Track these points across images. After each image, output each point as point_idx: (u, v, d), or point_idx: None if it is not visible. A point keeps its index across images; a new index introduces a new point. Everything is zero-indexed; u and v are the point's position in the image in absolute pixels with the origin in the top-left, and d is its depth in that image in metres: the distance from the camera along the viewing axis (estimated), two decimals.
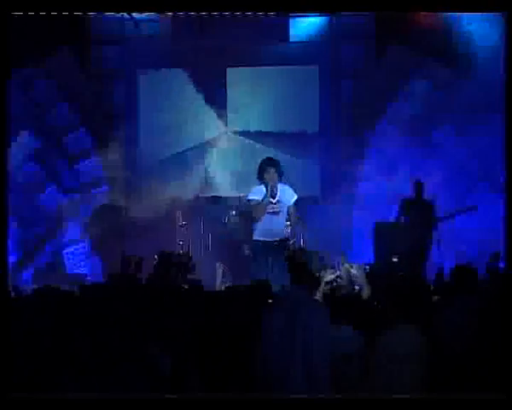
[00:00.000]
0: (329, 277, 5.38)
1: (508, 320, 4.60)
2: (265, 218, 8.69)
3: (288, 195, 8.78)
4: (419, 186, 11.23)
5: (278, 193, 8.71)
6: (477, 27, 11.14)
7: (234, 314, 5.24)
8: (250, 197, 8.82)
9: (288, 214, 8.86)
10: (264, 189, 8.67)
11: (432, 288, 6.95)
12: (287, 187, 8.82)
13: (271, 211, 8.69)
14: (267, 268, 8.56)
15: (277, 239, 8.70)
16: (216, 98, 12.64)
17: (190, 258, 9.57)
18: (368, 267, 8.54)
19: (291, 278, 5.20)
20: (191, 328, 4.90)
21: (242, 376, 4.72)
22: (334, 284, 6.40)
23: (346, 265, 5.95)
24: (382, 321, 5.18)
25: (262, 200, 8.63)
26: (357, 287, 6.27)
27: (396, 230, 11.14)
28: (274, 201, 8.69)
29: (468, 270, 5.84)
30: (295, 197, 8.82)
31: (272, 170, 8.66)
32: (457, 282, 5.68)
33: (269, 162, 8.77)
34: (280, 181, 8.73)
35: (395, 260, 8.37)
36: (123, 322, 5.01)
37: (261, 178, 8.73)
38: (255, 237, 8.85)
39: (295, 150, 12.50)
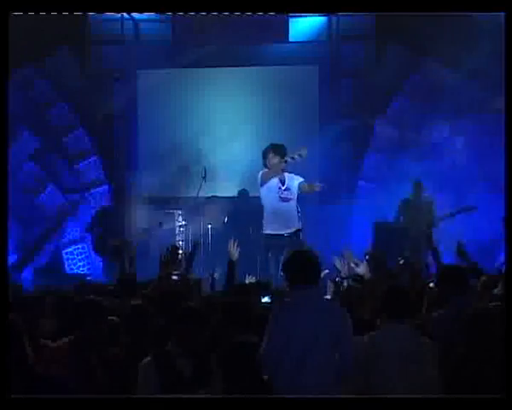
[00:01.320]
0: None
1: (507, 320, 4.59)
2: (277, 206, 8.39)
3: (295, 181, 8.56)
4: (418, 186, 11.22)
5: (286, 180, 8.46)
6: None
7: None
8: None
9: (302, 191, 8.56)
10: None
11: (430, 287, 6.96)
12: (293, 175, 8.60)
13: (283, 197, 8.45)
14: (279, 265, 8.10)
15: (290, 232, 8.40)
16: (215, 98, 12.65)
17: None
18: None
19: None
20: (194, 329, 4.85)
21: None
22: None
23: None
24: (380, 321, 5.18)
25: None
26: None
27: (395, 230, 11.13)
28: (283, 187, 8.45)
29: (456, 269, 5.85)
30: (301, 179, 8.56)
31: (272, 154, 8.49)
32: (448, 281, 5.66)
33: (272, 147, 8.59)
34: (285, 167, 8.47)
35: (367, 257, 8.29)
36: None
37: (265, 165, 8.51)
38: (266, 232, 8.52)
39: (294, 150, 12.49)
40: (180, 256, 8.27)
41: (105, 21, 12.38)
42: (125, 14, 12.13)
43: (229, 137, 12.46)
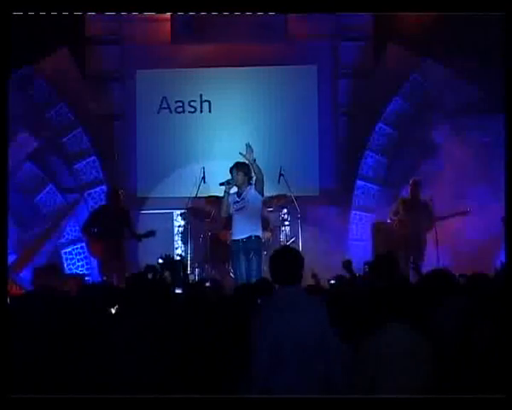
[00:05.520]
0: None
1: (507, 320, 4.60)
2: (233, 216, 8.97)
3: (252, 193, 8.95)
4: (416, 185, 11.22)
5: (244, 192, 8.94)
6: None
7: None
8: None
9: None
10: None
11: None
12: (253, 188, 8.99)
13: (237, 208, 8.93)
14: (242, 266, 8.85)
15: (244, 237, 8.87)
16: (214, 98, 12.65)
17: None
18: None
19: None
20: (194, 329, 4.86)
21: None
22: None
23: None
24: (376, 320, 5.17)
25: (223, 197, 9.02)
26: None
27: (394, 230, 11.13)
28: (239, 199, 8.94)
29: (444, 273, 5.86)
30: (260, 198, 8.95)
31: (235, 172, 9.01)
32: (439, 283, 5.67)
33: (234, 166, 9.09)
34: (249, 183, 8.96)
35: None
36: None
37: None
38: (232, 237, 9.09)
39: (294, 150, 12.52)
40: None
41: (104, 21, 12.37)
42: (124, 14, 12.11)
43: (228, 137, 12.47)
